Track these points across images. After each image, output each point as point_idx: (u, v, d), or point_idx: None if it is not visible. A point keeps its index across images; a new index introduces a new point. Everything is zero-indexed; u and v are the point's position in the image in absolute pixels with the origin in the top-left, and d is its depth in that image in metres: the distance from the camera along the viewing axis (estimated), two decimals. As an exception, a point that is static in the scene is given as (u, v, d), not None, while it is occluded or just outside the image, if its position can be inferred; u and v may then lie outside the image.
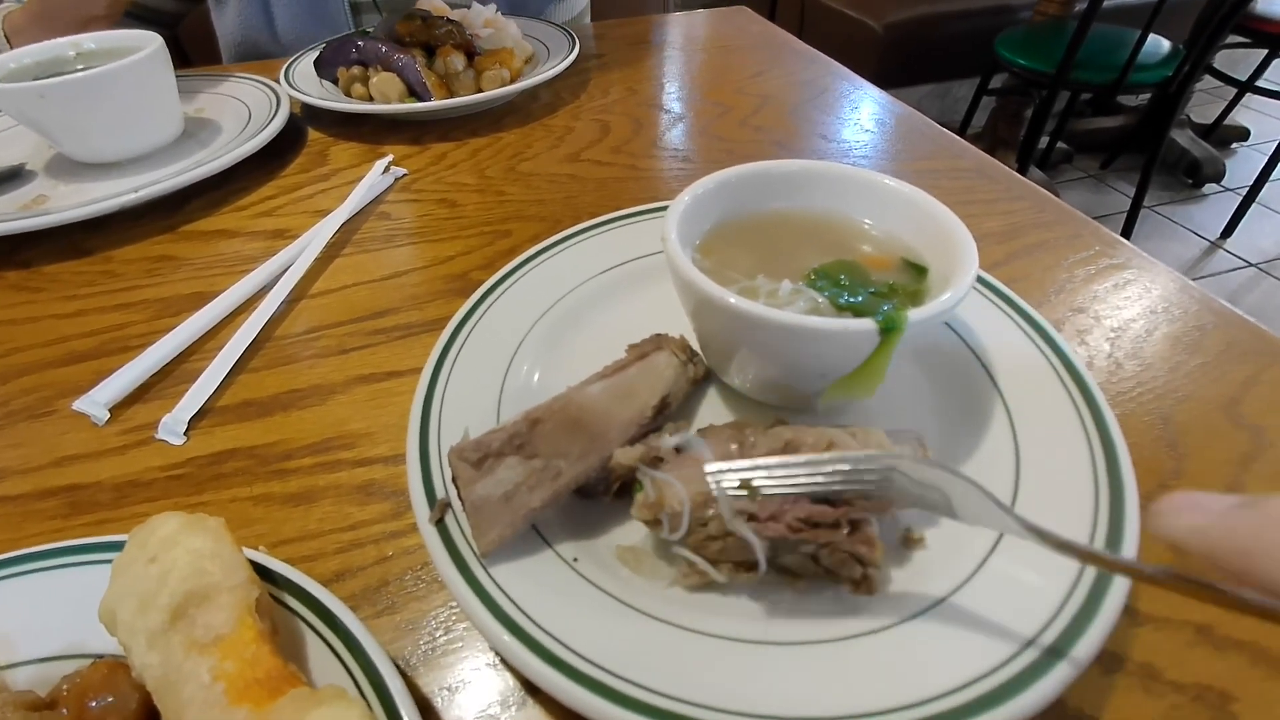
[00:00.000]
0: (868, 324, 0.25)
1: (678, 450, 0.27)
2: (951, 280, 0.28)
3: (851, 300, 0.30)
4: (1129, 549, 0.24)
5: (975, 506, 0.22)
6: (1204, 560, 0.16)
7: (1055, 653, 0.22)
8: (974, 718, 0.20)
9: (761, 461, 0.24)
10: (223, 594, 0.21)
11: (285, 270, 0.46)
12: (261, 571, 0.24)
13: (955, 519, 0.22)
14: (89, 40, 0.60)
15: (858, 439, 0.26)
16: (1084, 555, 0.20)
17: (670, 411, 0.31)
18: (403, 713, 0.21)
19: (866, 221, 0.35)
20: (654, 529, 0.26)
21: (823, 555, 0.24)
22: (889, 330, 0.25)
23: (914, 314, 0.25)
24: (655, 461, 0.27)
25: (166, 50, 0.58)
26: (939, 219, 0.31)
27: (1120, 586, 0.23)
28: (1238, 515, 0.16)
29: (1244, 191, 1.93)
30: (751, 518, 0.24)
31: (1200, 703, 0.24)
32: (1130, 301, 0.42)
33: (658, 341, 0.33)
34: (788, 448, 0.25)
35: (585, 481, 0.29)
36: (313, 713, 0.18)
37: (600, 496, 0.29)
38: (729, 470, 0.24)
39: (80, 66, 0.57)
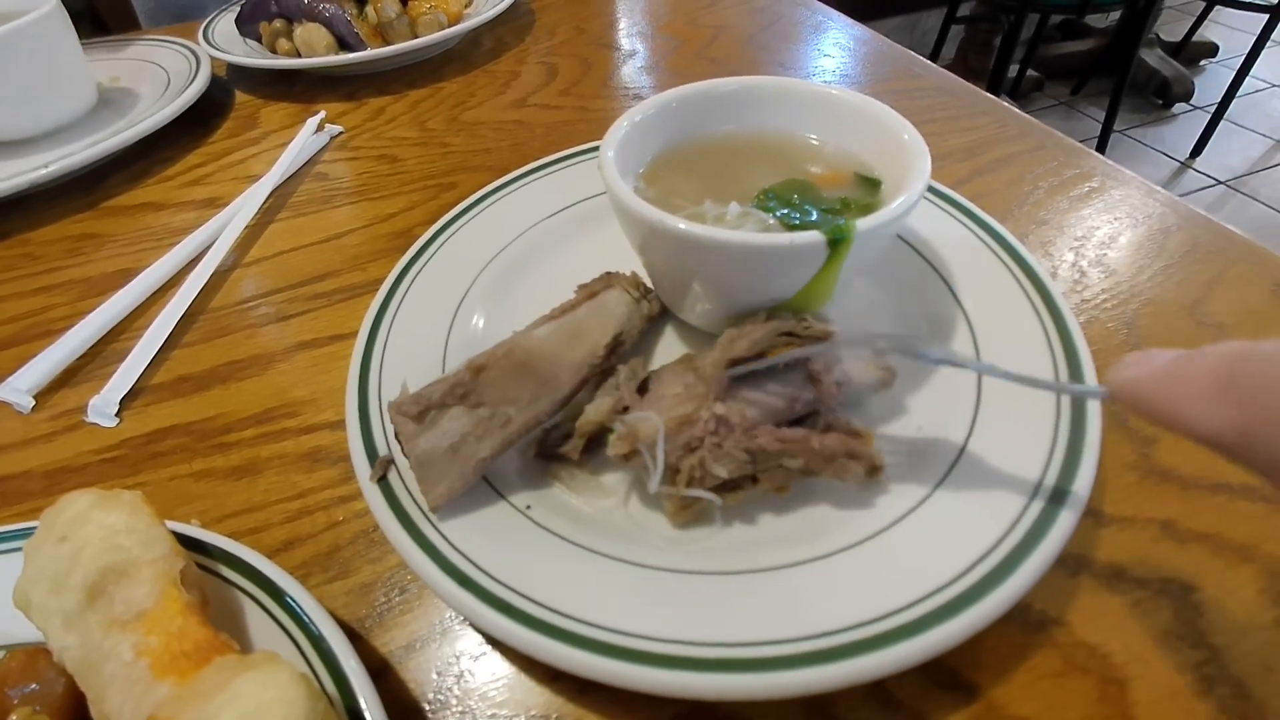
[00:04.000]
0: (814, 236, 0.24)
1: (640, 393, 0.26)
2: (904, 189, 0.26)
3: (804, 219, 0.28)
4: (1089, 456, 0.24)
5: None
6: (1134, 410, 0.18)
7: (1016, 558, 0.21)
8: (936, 626, 0.20)
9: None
10: (142, 568, 0.20)
11: (215, 240, 0.43)
12: (195, 545, 0.23)
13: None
14: (-24, 7, 0.55)
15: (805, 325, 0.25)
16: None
17: (624, 350, 0.30)
18: (348, 672, 0.20)
19: (814, 138, 0.33)
20: (633, 461, 0.25)
21: (815, 465, 0.24)
22: (837, 241, 0.24)
23: (862, 223, 0.24)
24: (623, 410, 0.26)
25: (64, 11, 0.53)
26: (888, 127, 0.29)
27: (1080, 490, 0.23)
28: (1169, 367, 0.17)
29: (1213, 109, 1.92)
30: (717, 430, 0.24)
31: (1164, 595, 0.23)
32: (1095, 211, 0.41)
33: (608, 279, 0.31)
34: (734, 343, 0.25)
35: (545, 438, 0.27)
36: (240, 678, 0.17)
37: (566, 456, 0.27)
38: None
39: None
